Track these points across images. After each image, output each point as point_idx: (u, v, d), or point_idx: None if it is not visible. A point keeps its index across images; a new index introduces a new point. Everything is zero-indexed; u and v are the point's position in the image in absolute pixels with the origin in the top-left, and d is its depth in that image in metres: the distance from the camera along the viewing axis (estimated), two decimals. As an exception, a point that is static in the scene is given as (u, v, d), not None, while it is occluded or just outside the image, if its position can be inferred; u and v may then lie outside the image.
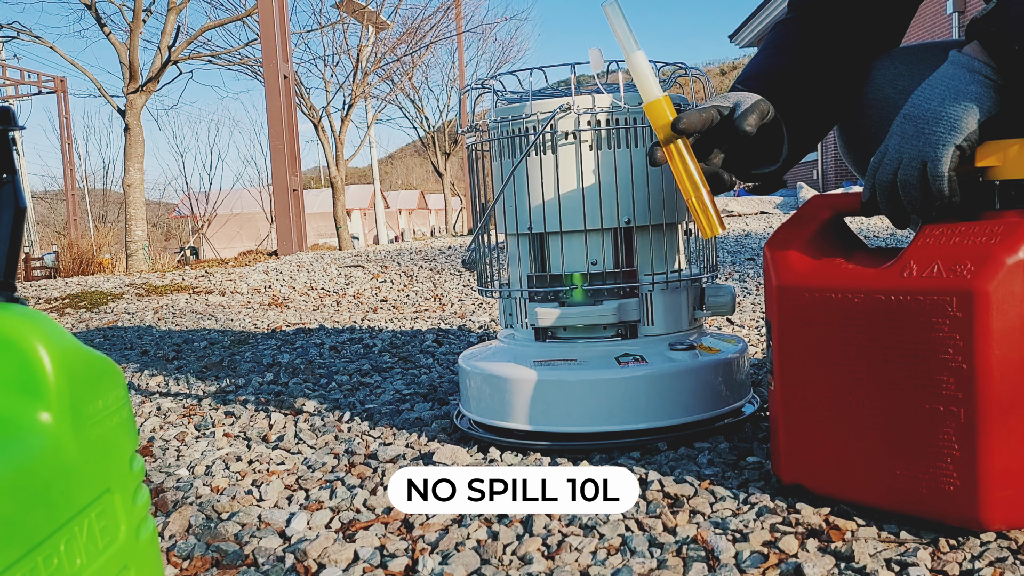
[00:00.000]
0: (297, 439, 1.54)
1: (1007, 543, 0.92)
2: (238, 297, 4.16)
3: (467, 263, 1.51)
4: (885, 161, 0.98)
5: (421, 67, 17.61)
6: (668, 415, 1.33)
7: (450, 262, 4.96)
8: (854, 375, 0.99)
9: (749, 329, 2.37)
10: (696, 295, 1.46)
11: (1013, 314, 0.88)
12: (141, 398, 1.98)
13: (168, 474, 1.39)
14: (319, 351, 2.40)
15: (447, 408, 1.67)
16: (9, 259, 0.68)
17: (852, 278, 1.00)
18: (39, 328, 0.60)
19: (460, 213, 23.17)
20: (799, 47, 1.26)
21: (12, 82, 16.85)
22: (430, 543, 1.04)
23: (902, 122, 0.97)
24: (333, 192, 12.44)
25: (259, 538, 1.09)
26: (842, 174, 14.06)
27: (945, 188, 0.93)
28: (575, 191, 1.36)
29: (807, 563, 0.90)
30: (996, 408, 0.88)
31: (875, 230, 5.04)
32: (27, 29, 11.04)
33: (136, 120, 9.90)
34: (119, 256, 11.85)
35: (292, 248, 7.58)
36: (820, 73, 1.24)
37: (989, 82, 0.92)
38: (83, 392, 0.61)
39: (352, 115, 12.88)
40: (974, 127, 0.92)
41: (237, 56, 11.88)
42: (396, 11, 13.81)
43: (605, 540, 1.01)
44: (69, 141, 17.23)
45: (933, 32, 11.81)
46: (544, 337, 1.43)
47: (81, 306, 3.94)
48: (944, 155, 0.92)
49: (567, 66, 1.39)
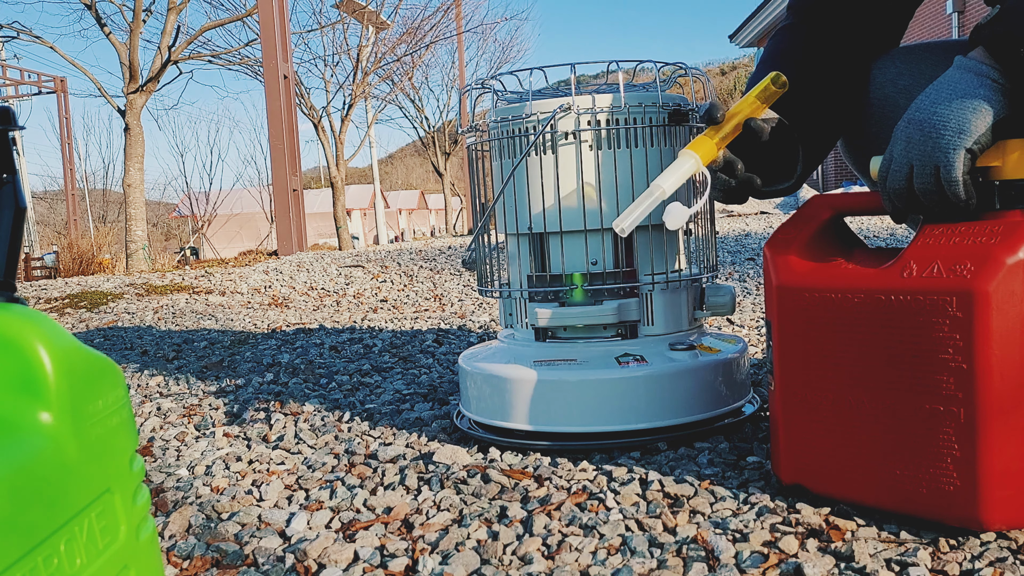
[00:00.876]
0: (297, 439, 1.54)
1: (1007, 543, 0.92)
2: (238, 297, 4.16)
3: (467, 263, 1.51)
4: (893, 168, 0.97)
5: (421, 67, 17.63)
6: (668, 415, 1.33)
7: (450, 262, 4.96)
8: (854, 375, 0.99)
9: (749, 329, 2.37)
10: (696, 295, 1.46)
11: (1013, 314, 0.88)
12: (141, 398, 1.98)
13: (168, 474, 1.39)
14: (319, 351, 2.40)
15: (447, 408, 1.67)
16: (9, 259, 0.68)
17: (852, 278, 1.00)
18: (39, 328, 0.60)
19: (460, 213, 23.18)
20: (799, 55, 1.26)
21: (12, 82, 16.85)
22: (430, 543, 1.04)
23: (907, 127, 0.96)
24: (333, 192, 12.44)
25: (259, 538, 1.09)
26: (842, 174, 14.07)
27: (961, 192, 0.92)
28: (575, 191, 1.36)
29: (807, 563, 0.90)
30: (996, 408, 0.88)
31: (875, 230, 5.04)
32: (27, 29, 11.05)
33: (136, 120, 9.91)
34: (119, 256, 11.85)
35: (292, 248, 7.58)
36: (823, 81, 1.23)
37: (997, 85, 0.92)
38: (83, 392, 0.61)
39: (352, 115, 12.91)
40: (983, 130, 0.91)
41: (237, 56, 11.89)
42: (396, 11, 13.84)
43: (605, 540, 1.01)
44: (69, 141, 17.24)
45: (933, 32, 11.81)
46: (544, 337, 1.43)
47: (81, 306, 3.94)
48: (956, 160, 0.91)
49: (567, 66, 1.39)
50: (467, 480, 1.24)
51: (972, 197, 0.93)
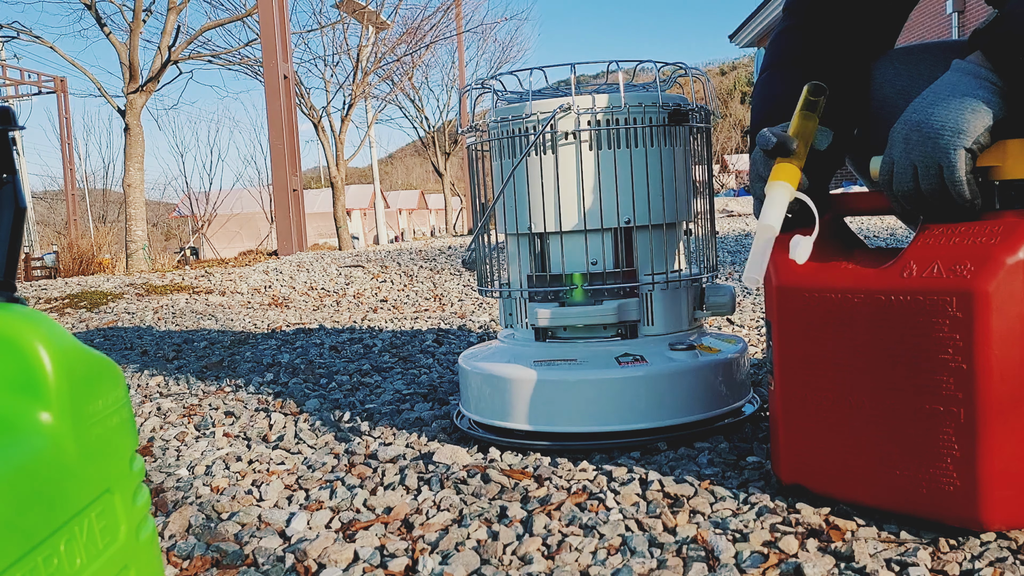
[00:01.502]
0: (297, 439, 1.54)
1: (1007, 543, 0.92)
2: (238, 297, 4.16)
3: (467, 263, 1.51)
4: (897, 170, 0.97)
5: (421, 67, 17.63)
6: (668, 415, 1.33)
7: (450, 262, 4.96)
8: (854, 375, 0.99)
9: (749, 329, 2.37)
10: (696, 295, 1.46)
11: (1013, 314, 0.88)
12: (141, 398, 1.98)
13: (168, 474, 1.39)
14: (319, 351, 2.40)
15: (447, 408, 1.67)
16: (9, 259, 0.68)
17: (852, 278, 1.00)
18: (39, 328, 0.60)
19: (460, 213, 23.18)
20: (801, 59, 1.25)
21: (12, 82, 16.85)
22: (430, 543, 1.04)
23: (905, 129, 0.96)
24: (333, 192, 12.44)
25: (259, 538, 1.09)
26: (842, 174, 14.06)
27: (965, 192, 0.93)
28: (575, 191, 1.36)
29: (807, 563, 0.90)
30: (996, 408, 0.88)
31: (875, 230, 5.04)
32: (27, 29, 11.05)
33: (136, 120, 9.91)
34: (119, 256, 11.86)
35: (292, 248, 7.58)
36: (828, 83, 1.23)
37: (995, 88, 0.92)
38: (83, 392, 0.61)
39: (352, 115, 12.90)
40: (982, 131, 0.91)
41: (237, 56, 11.88)
42: (396, 11, 13.82)
43: (605, 540, 1.01)
44: (69, 141, 17.23)
45: (933, 32, 11.81)
46: (544, 337, 1.43)
47: (81, 306, 3.94)
48: (957, 160, 0.92)
49: (567, 66, 1.39)
50: (467, 480, 1.24)
51: (977, 196, 0.93)
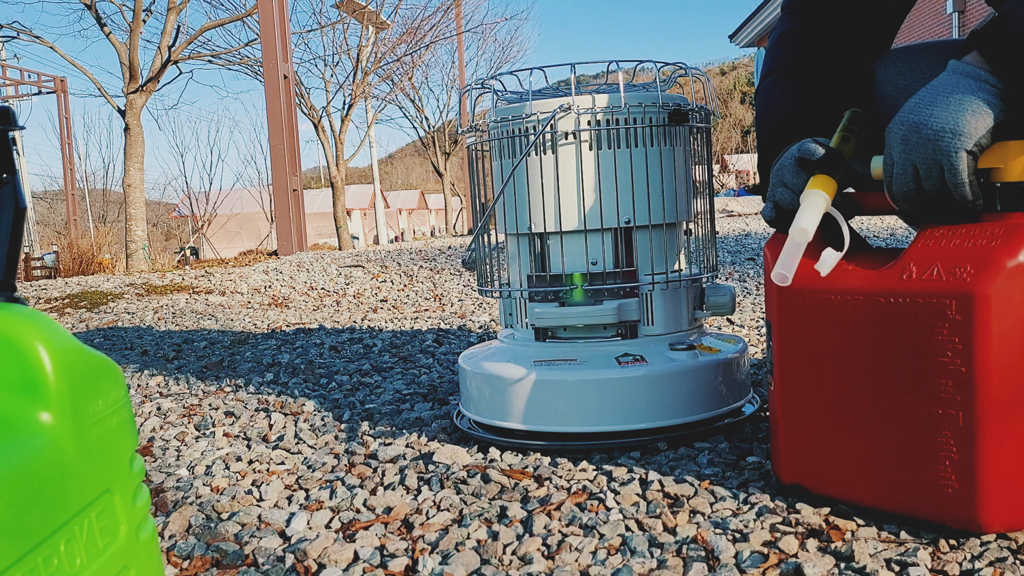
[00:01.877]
0: (297, 439, 1.54)
1: (1007, 543, 0.92)
2: (238, 297, 4.16)
3: (467, 263, 1.51)
4: (897, 171, 0.97)
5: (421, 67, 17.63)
6: (668, 415, 1.33)
7: (450, 262, 4.96)
8: (853, 376, 0.99)
9: (749, 329, 2.37)
10: (696, 295, 1.46)
11: (1013, 317, 0.88)
12: (141, 398, 1.98)
13: (168, 474, 1.39)
14: (319, 351, 2.40)
15: (447, 408, 1.67)
16: (9, 259, 0.68)
17: (852, 279, 1.00)
18: (39, 328, 0.60)
19: (460, 213, 23.17)
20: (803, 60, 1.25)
21: (12, 82, 16.85)
22: (430, 543, 1.04)
23: (903, 130, 0.96)
24: (333, 192, 12.44)
25: (259, 538, 1.09)
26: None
27: (968, 193, 0.92)
28: (575, 191, 1.36)
29: (807, 563, 0.90)
30: (995, 411, 0.88)
31: (875, 230, 5.04)
32: (27, 29, 11.05)
33: (136, 120, 9.90)
34: (119, 256, 11.85)
35: (292, 248, 7.58)
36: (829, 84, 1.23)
37: (994, 89, 0.92)
38: (83, 392, 0.61)
39: (352, 115, 12.90)
40: (982, 132, 0.91)
41: (237, 56, 11.88)
42: (396, 11, 13.82)
43: (605, 540, 1.01)
44: (69, 141, 17.23)
45: (933, 32, 11.81)
46: (544, 337, 1.43)
47: (81, 306, 3.94)
48: (959, 162, 0.91)
49: (567, 66, 1.39)
50: (467, 480, 1.24)
51: (979, 197, 0.93)
